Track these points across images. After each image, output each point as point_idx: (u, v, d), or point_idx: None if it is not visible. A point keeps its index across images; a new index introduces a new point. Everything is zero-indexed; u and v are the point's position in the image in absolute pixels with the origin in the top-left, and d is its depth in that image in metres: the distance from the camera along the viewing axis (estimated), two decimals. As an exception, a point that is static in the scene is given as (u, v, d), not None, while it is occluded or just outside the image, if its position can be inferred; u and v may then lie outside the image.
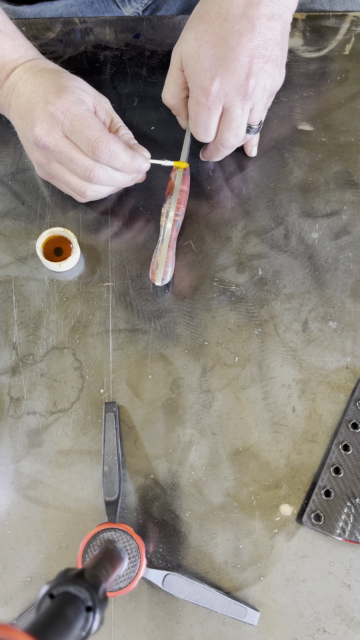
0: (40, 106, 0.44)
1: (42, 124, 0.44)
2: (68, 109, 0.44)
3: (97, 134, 0.44)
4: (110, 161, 0.45)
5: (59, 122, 0.44)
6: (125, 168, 0.47)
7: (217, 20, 0.44)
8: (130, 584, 0.42)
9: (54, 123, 0.44)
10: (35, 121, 0.44)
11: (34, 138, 0.45)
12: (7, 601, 0.46)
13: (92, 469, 0.48)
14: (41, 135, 0.44)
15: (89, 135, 0.44)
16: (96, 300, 0.51)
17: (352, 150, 0.55)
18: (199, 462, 0.48)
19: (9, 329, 0.51)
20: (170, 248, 0.50)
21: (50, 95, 0.44)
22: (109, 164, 0.46)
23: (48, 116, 0.44)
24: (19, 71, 0.47)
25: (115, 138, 0.45)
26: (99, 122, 0.45)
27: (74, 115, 0.44)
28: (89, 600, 0.30)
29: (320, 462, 0.47)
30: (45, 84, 0.45)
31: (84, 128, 0.44)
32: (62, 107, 0.44)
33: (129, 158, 0.46)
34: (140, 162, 0.48)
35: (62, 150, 0.45)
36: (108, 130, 0.46)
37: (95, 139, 0.44)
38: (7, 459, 0.48)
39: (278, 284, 0.51)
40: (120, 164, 0.46)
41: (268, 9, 0.43)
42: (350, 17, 0.58)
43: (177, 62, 0.47)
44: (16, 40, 0.49)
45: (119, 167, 0.46)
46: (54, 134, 0.44)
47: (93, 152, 0.44)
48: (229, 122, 0.46)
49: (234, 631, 0.44)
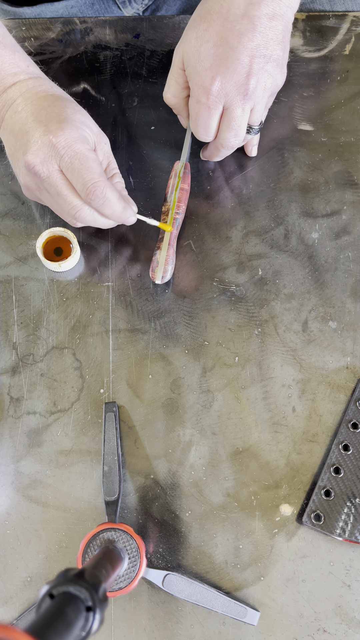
0: (39, 132, 0.42)
1: (38, 152, 0.42)
2: (70, 145, 0.42)
3: (94, 177, 0.42)
4: (101, 207, 0.44)
5: (57, 154, 0.42)
6: (114, 217, 0.46)
7: (218, 20, 0.44)
8: (130, 584, 0.42)
9: (51, 155, 0.42)
10: (30, 146, 0.42)
11: (26, 163, 0.43)
12: (7, 601, 0.46)
13: (92, 469, 0.48)
14: (35, 163, 0.42)
15: (87, 178, 0.42)
16: (96, 300, 0.51)
17: (352, 150, 0.55)
18: (199, 462, 0.48)
19: (9, 329, 0.51)
20: (171, 246, 0.50)
21: (53, 124, 0.42)
22: (99, 210, 0.45)
23: (46, 145, 0.42)
24: (20, 87, 0.45)
25: (111, 185, 0.44)
26: (99, 165, 0.43)
27: (75, 152, 0.42)
28: (89, 600, 0.30)
29: (320, 462, 0.47)
30: (48, 110, 0.43)
31: (83, 168, 0.42)
32: (64, 140, 0.42)
33: (120, 208, 0.45)
34: (129, 215, 0.47)
35: (53, 183, 0.43)
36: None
37: (92, 183, 0.42)
38: (7, 459, 0.48)
39: (278, 284, 0.51)
40: (110, 212, 0.45)
41: (269, 8, 0.43)
42: (350, 17, 0.58)
43: (178, 61, 0.47)
44: (17, 54, 0.46)
45: (108, 214, 0.45)
46: (49, 165, 0.42)
47: (87, 195, 0.43)
48: (229, 121, 0.46)
49: (234, 631, 0.44)
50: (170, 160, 0.55)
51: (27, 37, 0.59)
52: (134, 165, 0.55)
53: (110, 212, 0.45)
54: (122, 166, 0.55)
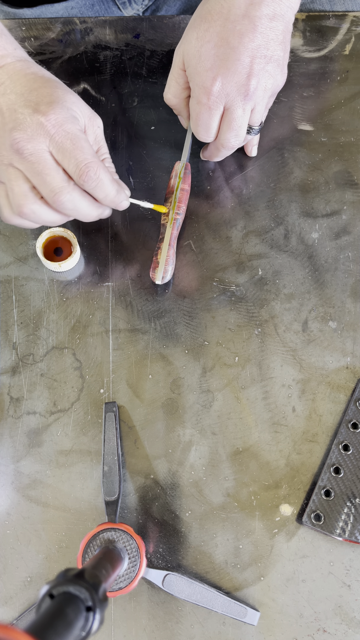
0: (28, 111, 0.41)
1: (26, 129, 0.40)
2: (61, 125, 0.41)
3: (88, 158, 0.41)
4: (94, 189, 0.43)
5: (47, 134, 0.40)
6: (107, 200, 0.44)
7: (218, 20, 0.44)
8: (130, 584, 0.42)
9: (40, 133, 0.40)
10: (17, 124, 0.41)
11: (11, 139, 0.41)
12: (7, 601, 0.46)
13: (92, 469, 0.48)
14: (21, 139, 0.40)
15: (80, 158, 0.41)
16: (96, 300, 0.51)
17: (352, 150, 0.55)
18: (199, 462, 0.48)
19: (9, 329, 0.51)
20: (171, 247, 0.50)
21: (43, 105, 0.41)
22: (92, 192, 0.43)
23: (35, 124, 0.40)
24: (7, 70, 0.43)
25: (104, 166, 0.42)
26: (90, 146, 0.42)
27: (67, 132, 0.41)
28: (89, 600, 0.30)
29: (320, 462, 0.47)
30: (38, 91, 0.42)
31: (75, 149, 0.41)
32: (54, 120, 0.40)
33: (113, 190, 0.44)
34: (122, 198, 0.46)
35: (37, 161, 0.41)
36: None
37: (86, 163, 0.41)
38: (7, 459, 0.48)
39: (278, 284, 0.51)
40: (104, 194, 0.44)
41: (270, 9, 0.43)
42: (350, 17, 0.58)
43: (179, 61, 0.47)
44: (3, 37, 0.45)
45: (101, 197, 0.44)
46: (36, 143, 0.40)
47: (80, 175, 0.41)
48: (229, 122, 0.46)
49: (234, 631, 0.44)
50: (170, 160, 0.55)
51: (27, 37, 0.59)
52: (134, 165, 0.55)
53: (104, 195, 0.44)
54: (122, 166, 0.55)
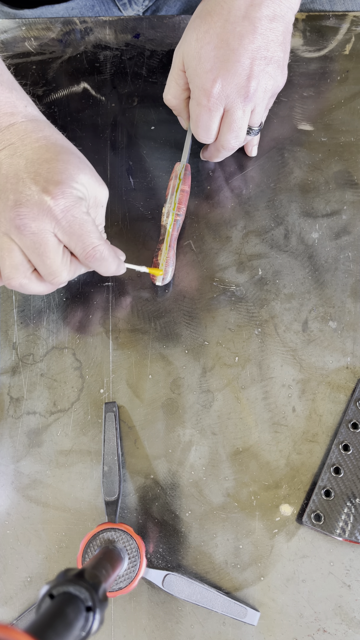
0: (37, 189, 0.39)
1: (32, 207, 0.39)
2: (69, 210, 0.40)
3: (95, 242, 0.41)
4: (98, 267, 0.44)
5: (53, 218, 0.39)
6: (107, 274, 0.45)
7: (218, 22, 0.44)
8: (130, 584, 0.42)
9: (46, 215, 0.39)
10: (23, 199, 0.39)
11: (14, 213, 0.39)
12: (7, 601, 0.46)
13: (92, 469, 0.48)
14: (25, 216, 0.39)
15: (87, 242, 0.41)
16: (96, 300, 0.51)
17: (352, 150, 0.55)
18: (199, 462, 0.48)
19: (9, 329, 0.51)
20: (171, 248, 0.50)
21: (52, 184, 0.39)
22: (96, 269, 0.44)
23: (42, 205, 0.39)
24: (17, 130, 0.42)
25: (108, 246, 0.43)
26: (97, 228, 0.42)
27: (74, 218, 0.40)
28: (89, 600, 0.30)
29: (320, 462, 0.47)
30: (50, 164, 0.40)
31: (83, 233, 0.41)
32: (63, 205, 0.39)
33: (114, 266, 0.45)
34: (121, 270, 0.47)
35: (39, 241, 0.40)
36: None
37: (93, 247, 0.41)
38: (7, 459, 0.48)
39: (278, 284, 0.51)
40: (105, 270, 0.44)
41: (270, 10, 0.43)
42: (350, 17, 0.58)
43: (178, 62, 0.47)
44: (14, 93, 0.43)
45: (102, 272, 0.45)
46: (40, 224, 0.39)
47: (86, 258, 0.42)
48: (229, 123, 0.46)
49: (234, 631, 0.44)
50: (170, 160, 0.55)
51: (27, 37, 0.59)
52: (134, 165, 0.55)
53: (105, 270, 0.44)
54: (122, 166, 0.55)
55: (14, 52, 0.59)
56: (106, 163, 0.55)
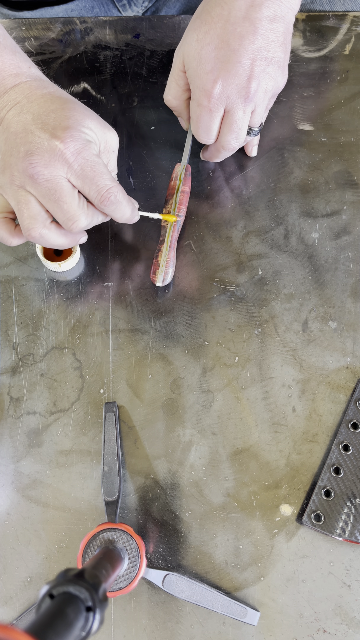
0: (46, 136, 0.40)
1: (43, 154, 0.39)
2: (79, 152, 0.40)
3: (108, 184, 0.41)
4: (113, 212, 0.43)
5: (65, 162, 0.40)
6: (122, 219, 0.45)
7: (219, 22, 0.44)
8: (130, 584, 0.42)
9: (57, 160, 0.40)
10: (34, 147, 0.40)
11: (26, 163, 0.40)
12: (7, 601, 0.46)
13: (92, 469, 0.48)
14: (37, 164, 0.39)
15: (101, 184, 0.41)
16: (96, 300, 0.51)
17: (352, 150, 0.55)
18: (199, 462, 0.48)
19: (9, 329, 0.51)
20: (171, 249, 0.50)
21: (60, 130, 0.40)
22: (110, 213, 0.44)
23: (53, 150, 0.40)
24: (22, 89, 0.42)
25: (122, 188, 0.43)
26: (108, 170, 0.42)
27: (86, 160, 0.40)
28: (89, 600, 0.30)
29: (320, 462, 0.47)
30: (56, 113, 0.41)
31: (95, 175, 0.41)
32: (73, 148, 0.40)
33: (129, 210, 0.45)
34: (135, 215, 0.47)
35: (53, 187, 0.40)
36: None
37: (107, 189, 0.41)
38: (7, 459, 0.48)
39: (278, 284, 0.52)
40: (121, 214, 0.44)
41: (270, 10, 0.43)
42: (350, 17, 0.58)
43: (179, 63, 0.47)
44: (17, 55, 0.44)
45: (117, 217, 0.45)
46: (53, 170, 0.40)
47: (102, 201, 0.42)
48: (230, 124, 0.46)
49: (234, 631, 0.44)
50: (170, 160, 0.55)
51: (27, 37, 0.59)
52: (134, 165, 0.55)
53: (121, 214, 0.44)
54: (122, 166, 0.55)
55: (14, 52, 0.59)
56: (106, 163, 0.55)
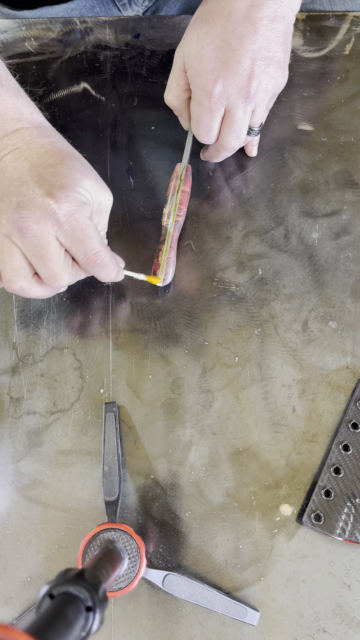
0: (41, 192, 0.39)
1: (35, 210, 0.39)
2: (72, 214, 0.39)
3: (96, 247, 0.41)
4: (98, 273, 0.43)
5: (56, 221, 0.39)
6: (107, 280, 0.45)
7: (219, 22, 0.44)
8: (130, 584, 0.42)
9: (49, 218, 0.39)
10: (26, 201, 0.39)
11: (17, 215, 0.39)
12: (7, 601, 0.46)
13: (92, 469, 0.48)
14: (27, 218, 0.39)
15: (89, 247, 0.41)
16: (96, 300, 0.51)
17: (352, 150, 0.55)
18: (199, 462, 0.48)
19: (9, 329, 0.51)
20: (172, 249, 0.50)
21: (56, 188, 0.39)
22: (95, 275, 0.44)
23: (45, 208, 0.39)
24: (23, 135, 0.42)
25: (109, 252, 0.43)
26: (98, 233, 0.42)
27: (77, 222, 0.40)
28: (89, 600, 0.30)
29: (320, 462, 0.47)
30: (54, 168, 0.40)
31: (85, 238, 0.40)
32: (66, 209, 0.39)
33: (114, 272, 0.45)
34: (120, 276, 0.46)
35: (41, 244, 0.40)
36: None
37: (94, 253, 0.41)
38: (7, 459, 0.48)
39: (278, 284, 0.51)
40: (105, 275, 0.44)
41: (271, 10, 0.43)
42: (350, 17, 0.58)
43: (179, 63, 0.47)
44: (20, 99, 0.43)
45: (102, 277, 0.44)
46: (42, 227, 0.39)
47: (87, 263, 0.42)
48: (230, 124, 0.46)
49: (234, 631, 0.44)
50: (170, 160, 0.55)
51: (27, 37, 0.59)
52: (134, 165, 0.55)
53: (105, 276, 0.44)
54: (122, 166, 0.55)
55: (14, 52, 0.59)
56: (106, 163, 0.55)
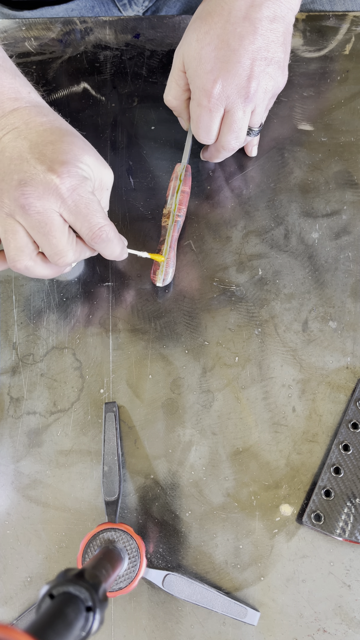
0: (42, 168, 0.39)
1: (37, 186, 0.38)
2: (75, 189, 0.39)
3: (101, 222, 0.41)
4: (103, 249, 0.43)
5: (59, 196, 0.39)
6: (111, 257, 0.45)
7: (219, 22, 0.44)
8: (130, 584, 0.42)
9: (51, 194, 0.39)
10: (28, 177, 0.39)
11: (19, 192, 0.38)
12: (7, 601, 0.46)
13: (92, 469, 0.48)
14: (30, 195, 0.38)
15: (93, 222, 0.41)
16: (96, 300, 0.51)
17: (352, 150, 0.55)
18: (199, 462, 0.48)
19: (9, 329, 0.51)
20: (172, 249, 0.50)
21: (57, 164, 0.39)
22: (100, 251, 0.44)
23: (48, 184, 0.39)
24: (21, 114, 0.41)
25: (114, 227, 0.43)
26: (102, 208, 0.42)
27: (80, 197, 0.39)
28: (89, 600, 0.30)
29: (320, 462, 0.47)
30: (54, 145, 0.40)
31: (89, 213, 0.40)
32: (69, 184, 0.39)
33: (119, 248, 0.44)
34: (124, 253, 0.46)
35: (44, 220, 0.39)
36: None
37: (99, 227, 0.41)
38: (7, 459, 0.48)
39: (278, 284, 0.51)
40: (110, 252, 0.44)
41: (270, 10, 0.43)
42: (350, 17, 0.58)
43: (179, 63, 0.47)
44: (17, 79, 0.43)
45: (107, 254, 0.44)
46: (45, 203, 0.39)
47: (93, 238, 0.41)
48: (230, 124, 0.46)
49: (234, 631, 0.44)
50: (170, 160, 0.55)
51: (27, 37, 0.59)
52: (134, 165, 0.55)
53: (110, 252, 0.44)
54: (122, 166, 0.55)
55: (14, 52, 0.59)
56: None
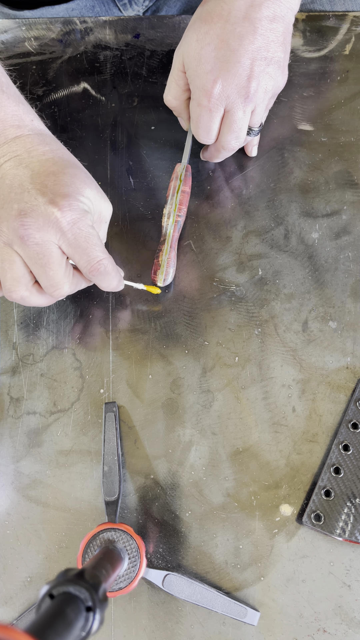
0: (44, 200, 0.39)
1: (38, 218, 0.39)
2: (75, 222, 0.39)
3: (99, 255, 0.41)
4: (100, 282, 0.43)
5: (59, 229, 0.39)
6: (108, 288, 0.45)
7: (219, 22, 0.44)
8: (130, 584, 0.42)
9: (51, 226, 0.39)
10: (29, 209, 0.39)
11: (19, 223, 0.38)
12: (7, 601, 0.46)
13: (92, 469, 0.48)
14: (30, 226, 0.38)
15: (92, 255, 0.41)
16: (96, 300, 0.51)
17: (352, 150, 0.55)
18: (199, 462, 0.48)
19: (9, 329, 0.51)
20: (172, 249, 0.50)
21: (59, 197, 0.39)
22: (98, 283, 0.44)
23: (49, 216, 0.39)
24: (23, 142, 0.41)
25: (112, 260, 0.43)
26: (101, 242, 0.42)
27: (80, 230, 0.40)
28: (89, 600, 0.30)
29: (320, 462, 0.47)
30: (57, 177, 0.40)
31: (89, 246, 0.40)
32: (70, 217, 0.39)
33: (116, 281, 0.45)
34: (121, 285, 0.47)
35: (42, 252, 0.39)
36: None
37: (98, 261, 0.41)
38: (7, 459, 0.48)
39: (278, 284, 0.51)
40: (107, 284, 0.44)
41: (270, 10, 0.43)
42: (350, 17, 0.58)
43: (178, 63, 0.47)
44: (21, 106, 0.43)
45: (103, 286, 0.44)
46: (45, 235, 0.39)
47: (90, 271, 0.41)
48: (230, 124, 0.46)
49: (234, 631, 0.44)
50: (170, 160, 0.55)
51: (27, 37, 0.59)
52: (134, 165, 0.55)
53: (107, 284, 0.44)
54: (122, 166, 0.55)
55: (14, 52, 0.59)
56: (106, 163, 0.55)
